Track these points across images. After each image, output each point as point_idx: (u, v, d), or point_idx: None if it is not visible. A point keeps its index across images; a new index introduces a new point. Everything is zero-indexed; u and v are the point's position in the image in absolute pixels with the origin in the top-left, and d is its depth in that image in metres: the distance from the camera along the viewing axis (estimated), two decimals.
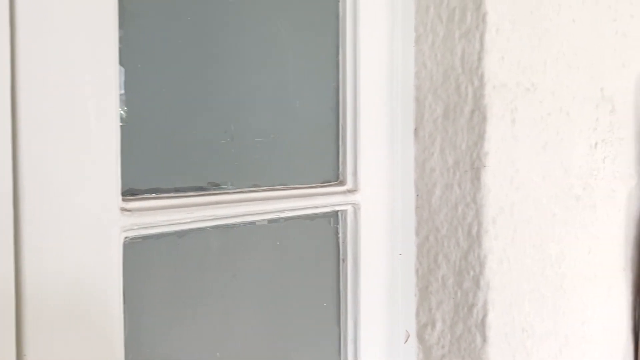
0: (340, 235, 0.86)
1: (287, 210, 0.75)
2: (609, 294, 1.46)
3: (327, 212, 0.84)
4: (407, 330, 0.97)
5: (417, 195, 0.98)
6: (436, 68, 0.95)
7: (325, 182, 0.84)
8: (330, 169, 0.85)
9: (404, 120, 0.95)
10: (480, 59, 0.90)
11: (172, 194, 0.63)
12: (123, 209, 0.59)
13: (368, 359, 0.89)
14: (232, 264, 0.71)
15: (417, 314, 0.98)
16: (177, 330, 0.66)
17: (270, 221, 0.74)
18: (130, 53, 0.59)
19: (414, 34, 0.95)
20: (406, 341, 0.97)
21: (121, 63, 0.57)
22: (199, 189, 0.66)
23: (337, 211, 0.85)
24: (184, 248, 0.66)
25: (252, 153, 0.72)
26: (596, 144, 1.33)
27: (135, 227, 0.60)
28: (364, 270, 0.87)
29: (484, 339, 0.91)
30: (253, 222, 0.72)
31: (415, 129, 0.97)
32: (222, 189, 0.68)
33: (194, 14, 0.66)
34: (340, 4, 0.84)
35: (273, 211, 0.74)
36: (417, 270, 0.98)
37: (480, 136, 0.91)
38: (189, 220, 0.64)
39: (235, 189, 0.70)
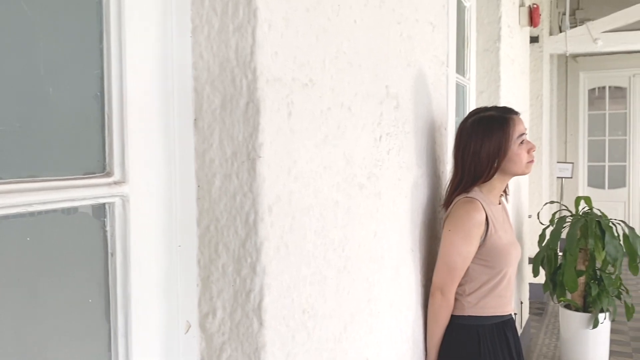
0: (108, 228, 0.84)
1: (36, 203, 0.71)
2: (398, 273, 1.60)
3: (91, 205, 0.81)
4: (188, 321, 0.98)
5: (198, 186, 0.98)
6: (213, 60, 0.96)
7: (89, 174, 0.81)
8: (95, 160, 0.82)
9: (183, 110, 0.95)
10: (252, 52, 0.93)
11: None
12: None
13: (143, 352, 0.88)
14: None
15: (200, 304, 0.99)
16: None
17: (17, 216, 0.70)
18: None
19: (191, 25, 0.96)
20: (187, 331, 0.97)
21: None
22: None
23: (104, 204, 0.83)
24: None
25: None
26: (381, 137, 1.45)
27: None
28: (135, 263, 0.86)
29: (261, 323, 0.95)
30: None
31: (195, 120, 0.98)
32: None
33: None
34: None
35: (19, 205, 0.69)
36: (199, 261, 0.99)
37: (255, 128, 0.94)
38: None
39: None
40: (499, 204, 1.80)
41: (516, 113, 1.76)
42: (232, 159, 0.96)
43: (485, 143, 1.70)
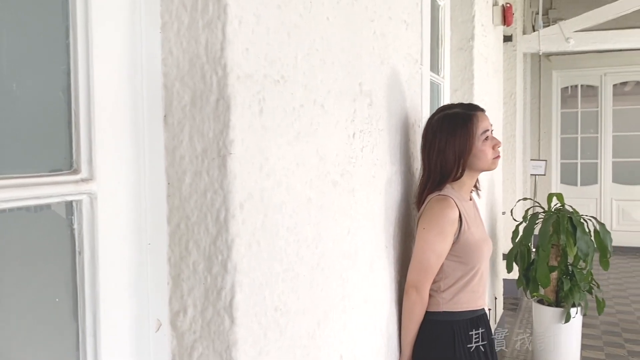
0: (75, 226, 0.82)
1: (1, 201, 0.70)
2: (372, 269, 1.61)
3: (58, 203, 0.80)
4: (158, 319, 0.97)
5: (169, 184, 0.98)
6: (182, 56, 0.95)
7: (56, 171, 0.80)
8: (62, 157, 0.81)
9: (152, 107, 0.94)
10: (222, 49, 0.92)
11: None
12: None
13: (112, 351, 0.87)
14: None
15: (170, 302, 0.98)
16: None
17: None
18: None
19: (160, 21, 0.95)
20: (158, 330, 0.96)
21: None
22: None
23: (71, 201, 0.81)
24: None
25: None
26: (354, 134, 1.45)
27: None
28: (103, 262, 0.85)
29: (232, 320, 0.95)
30: None
31: (165, 116, 0.97)
32: None
33: None
34: None
35: None
36: (169, 259, 0.98)
37: (226, 124, 0.93)
38: None
39: None
40: (470, 199, 1.82)
41: (481, 110, 1.77)
42: (203, 155, 0.95)
43: (449, 141, 1.71)
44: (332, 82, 1.30)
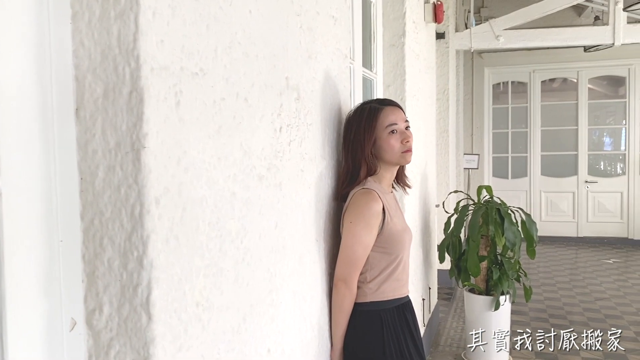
0: None
1: None
2: (301, 262, 1.61)
3: None
4: (73, 318, 0.94)
5: (81, 179, 0.95)
6: (94, 47, 0.92)
7: None
8: None
9: (63, 99, 0.91)
10: (135, 40, 0.90)
11: None
12: None
13: (21, 352, 0.84)
14: None
15: (86, 300, 0.96)
16: None
17: None
18: None
19: (70, 11, 0.92)
20: (72, 329, 0.94)
21: None
22: None
23: None
24: None
25: None
26: (281, 128, 1.46)
27: None
28: (9, 260, 0.81)
29: (150, 317, 0.93)
30: None
31: (77, 109, 0.94)
32: None
33: None
34: None
35: None
36: (83, 256, 0.95)
37: (139, 117, 0.91)
38: None
39: None
40: (391, 192, 1.87)
41: (392, 104, 1.81)
42: (116, 149, 0.93)
43: (357, 134, 1.77)
44: (256, 75, 1.30)
